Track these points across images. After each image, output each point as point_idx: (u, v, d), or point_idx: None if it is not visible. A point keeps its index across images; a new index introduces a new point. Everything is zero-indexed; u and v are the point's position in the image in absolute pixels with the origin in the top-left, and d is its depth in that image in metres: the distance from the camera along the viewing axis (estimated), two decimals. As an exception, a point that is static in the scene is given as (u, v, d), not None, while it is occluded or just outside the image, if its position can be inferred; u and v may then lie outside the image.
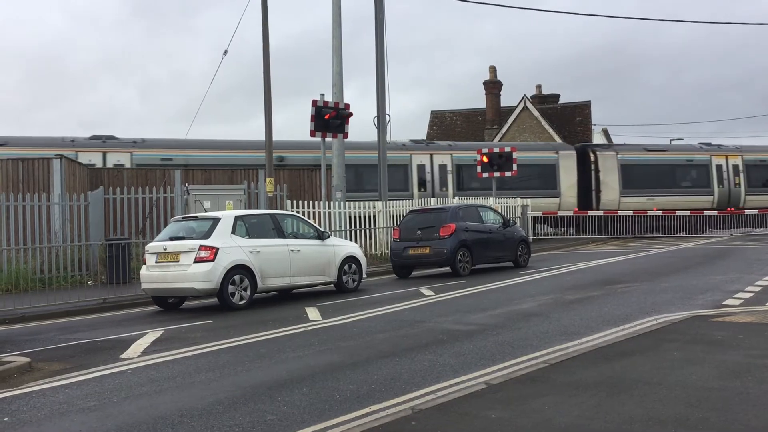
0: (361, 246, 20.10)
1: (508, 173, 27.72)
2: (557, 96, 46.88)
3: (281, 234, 14.60)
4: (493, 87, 43.18)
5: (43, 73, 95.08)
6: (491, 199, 26.73)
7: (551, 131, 40.62)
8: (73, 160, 20.23)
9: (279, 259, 14.17)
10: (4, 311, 13.24)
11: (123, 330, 11.55)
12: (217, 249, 13.20)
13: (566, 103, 45.39)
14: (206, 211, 18.62)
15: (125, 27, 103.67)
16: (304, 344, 9.51)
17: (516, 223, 21.71)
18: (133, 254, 17.46)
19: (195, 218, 14.83)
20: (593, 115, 43.93)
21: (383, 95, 24.19)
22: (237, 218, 14.06)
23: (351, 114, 21.63)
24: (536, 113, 41.48)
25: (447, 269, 18.39)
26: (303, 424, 5.96)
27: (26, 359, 8.96)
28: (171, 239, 13.85)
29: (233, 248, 13.46)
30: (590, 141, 41.77)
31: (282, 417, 6.20)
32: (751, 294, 12.29)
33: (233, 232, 13.70)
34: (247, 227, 14.11)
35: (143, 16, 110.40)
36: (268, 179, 20.48)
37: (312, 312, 12.44)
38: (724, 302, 11.48)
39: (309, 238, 15.16)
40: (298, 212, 20.31)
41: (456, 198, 26.76)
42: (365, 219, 23.34)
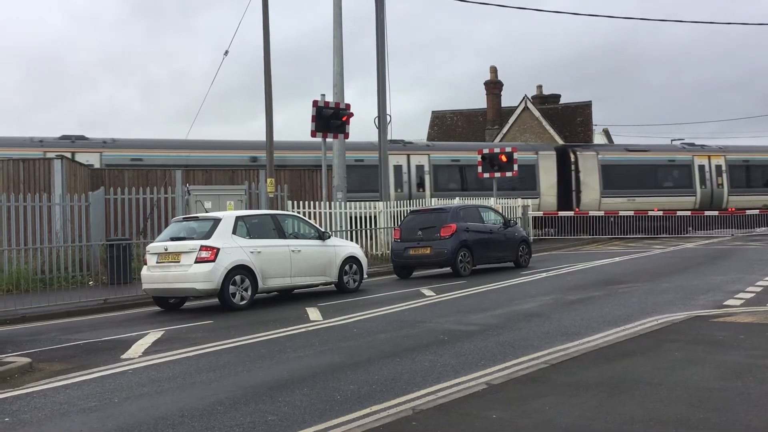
0: (362, 246, 20.11)
1: (509, 173, 27.75)
2: (558, 96, 46.88)
3: (282, 234, 14.61)
4: (494, 87, 43.20)
5: (44, 73, 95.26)
6: (491, 200, 26.74)
7: (552, 131, 40.62)
8: (74, 161, 20.24)
9: (280, 260, 14.17)
10: (5, 312, 13.25)
11: (124, 330, 11.56)
12: (218, 249, 13.21)
13: (567, 104, 45.39)
14: (207, 212, 18.64)
15: (125, 27, 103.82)
16: (305, 344, 9.52)
17: (517, 224, 21.70)
18: (134, 255, 17.47)
19: (196, 218, 14.84)
20: (594, 116, 44.00)
21: (384, 95, 24.20)
22: (238, 218, 14.07)
23: (352, 114, 21.66)
24: (537, 113, 41.50)
25: (448, 269, 18.39)
26: (304, 425, 5.96)
27: (27, 359, 8.97)
28: (172, 239, 13.86)
29: (234, 248, 13.47)
30: (591, 141, 41.74)
31: (283, 417, 6.21)
32: (752, 294, 12.27)
33: (234, 233, 13.71)
34: (248, 227, 14.12)
35: (143, 16, 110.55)
36: (269, 180, 20.49)
37: (313, 312, 12.44)
38: (725, 302, 11.47)
39: (310, 239, 15.17)
40: (299, 212, 20.32)
41: (434, 199, 26.16)
42: (366, 219, 23.34)
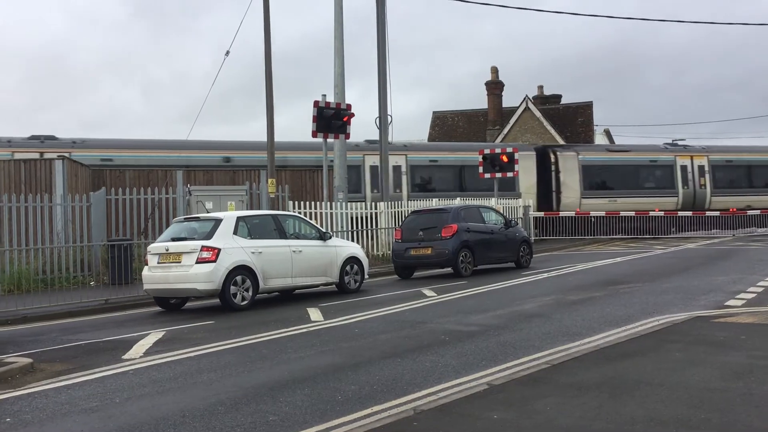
0: (363, 247, 20.10)
1: (510, 174, 27.74)
2: (559, 96, 46.89)
3: (283, 235, 14.61)
4: (495, 87, 43.22)
5: (45, 74, 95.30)
6: (493, 200, 26.74)
7: (553, 132, 40.63)
8: (76, 161, 20.25)
9: (281, 260, 14.18)
10: (7, 312, 13.26)
11: (125, 331, 11.57)
12: (219, 250, 13.21)
13: (568, 104, 45.40)
14: (208, 212, 18.64)
15: (127, 28, 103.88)
16: (306, 345, 9.52)
17: (518, 224, 21.69)
18: (135, 255, 17.49)
19: (197, 219, 14.84)
20: (595, 116, 43.98)
21: (385, 96, 24.19)
22: (239, 219, 14.08)
23: (353, 114, 21.67)
24: (538, 114, 41.51)
25: (449, 270, 18.39)
26: (305, 425, 5.96)
27: (29, 360, 8.97)
28: (173, 240, 13.86)
29: (235, 249, 13.47)
30: (592, 141, 41.76)
31: (284, 417, 6.21)
32: (754, 295, 12.25)
33: (235, 233, 13.71)
34: (249, 228, 14.12)
35: (145, 17, 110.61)
36: (270, 180, 20.50)
37: (314, 313, 12.44)
38: (726, 303, 11.46)
39: (311, 239, 15.17)
40: (300, 213, 20.32)
41: (410, 201, 25.65)
42: (367, 220, 23.34)
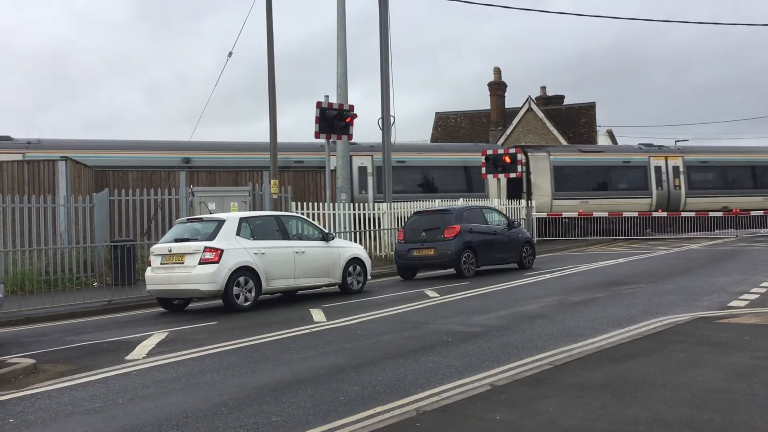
0: (366, 247, 20.11)
1: (513, 174, 27.74)
2: (562, 97, 46.87)
3: (286, 235, 14.62)
4: (498, 88, 43.22)
5: (49, 75, 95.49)
6: (495, 201, 26.74)
7: (556, 132, 40.62)
8: (79, 162, 20.28)
9: (283, 261, 14.18)
10: (10, 313, 13.26)
11: (128, 331, 11.58)
12: (222, 250, 13.22)
13: (571, 104, 45.39)
14: (211, 213, 18.65)
15: (130, 29, 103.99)
16: (309, 346, 9.52)
17: (521, 225, 21.68)
18: (138, 256, 17.52)
19: (200, 220, 14.84)
20: (598, 117, 43.99)
21: (388, 97, 24.21)
22: (242, 220, 14.08)
23: (355, 115, 21.68)
24: (541, 114, 41.51)
25: (451, 271, 18.37)
26: (307, 426, 5.96)
27: (32, 361, 8.99)
28: (176, 241, 13.87)
29: (238, 250, 13.48)
30: (595, 142, 41.74)
31: (286, 418, 6.21)
32: (757, 295, 12.23)
33: (238, 234, 13.72)
34: (252, 229, 14.13)
35: (149, 20, 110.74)
36: (273, 181, 20.51)
37: (316, 313, 12.45)
38: (730, 304, 11.44)
39: (313, 240, 15.17)
40: (303, 214, 20.32)
41: (375, 203, 24.97)
42: (370, 220, 23.34)
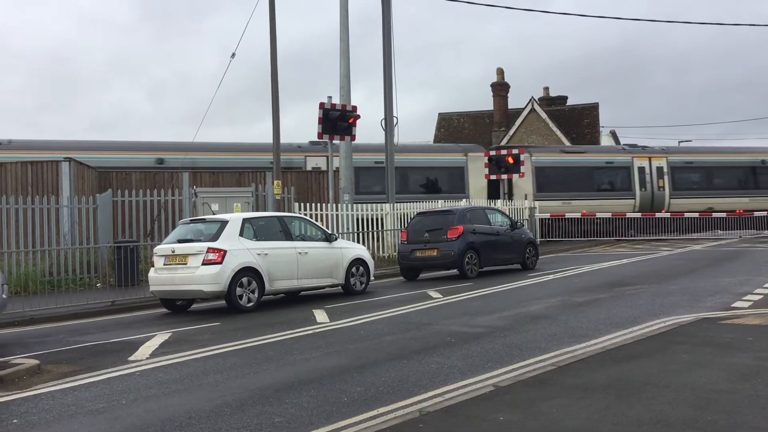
0: (369, 248, 20.10)
1: (516, 175, 27.74)
2: (565, 98, 46.85)
3: (289, 236, 14.63)
4: (501, 89, 43.22)
5: (54, 76, 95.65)
6: (498, 202, 26.73)
7: (559, 133, 40.61)
8: (82, 163, 20.30)
9: (286, 262, 14.19)
10: (14, 313, 13.28)
11: (131, 332, 11.60)
12: (225, 251, 13.23)
13: (574, 105, 45.36)
14: (214, 214, 18.67)
15: (135, 31, 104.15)
16: (312, 346, 9.52)
17: (524, 226, 21.67)
18: (142, 257, 17.53)
19: (203, 221, 14.86)
20: (601, 117, 43.94)
21: (391, 97, 24.19)
22: (245, 221, 14.09)
23: (358, 116, 21.69)
24: (544, 115, 41.50)
25: (454, 271, 18.37)
26: (311, 426, 5.97)
27: (35, 361, 9.00)
28: (179, 242, 13.88)
29: (241, 251, 13.49)
30: (598, 143, 41.70)
31: (290, 419, 6.21)
32: (761, 296, 12.22)
33: (241, 235, 13.73)
34: (255, 230, 14.14)
35: (153, 20, 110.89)
36: (276, 182, 20.51)
37: (319, 314, 12.45)
38: (733, 304, 11.43)
39: (316, 241, 15.18)
40: (306, 214, 20.33)
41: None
42: (373, 221, 23.33)
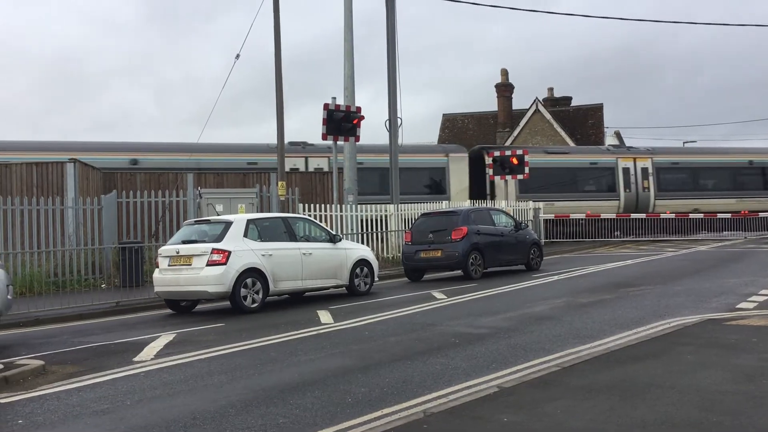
0: (373, 249, 20.12)
1: (520, 176, 27.69)
2: (569, 99, 46.79)
3: (293, 237, 14.64)
4: (505, 90, 43.20)
5: (59, 77, 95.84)
6: (503, 203, 26.71)
7: (563, 134, 40.58)
8: (87, 164, 20.35)
9: (291, 263, 14.19)
10: (19, 314, 13.31)
11: (136, 333, 11.61)
12: (230, 252, 13.24)
13: (578, 106, 45.31)
14: (218, 215, 18.68)
15: (141, 32, 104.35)
16: (316, 347, 9.53)
17: (528, 226, 21.66)
18: (146, 257, 17.56)
19: (207, 221, 14.87)
20: (605, 118, 43.90)
21: (395, 98, 24.21)
22: (249, 221, 14.11)
23: (363, 117, 21.70)
24: (548, 116, 41.47)
25: (459, 272, 18.36)
26: (315, 427, 5.97)
27: (40, 362, 9.02)
28: (183, 242, 13.90)
29: (245, 251, 13.50)
30: (603, 143, 41.65)
31: (294, 420, 6.22)
32: (766, 297, 12.18)
33: (245, 236, 13.75)
34: (259, 230, 14.15)
35: (158, 22, 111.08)
36: (280, 183, 20.53)
37: (324, 315, 12.45)
38: (738, 305, 11.40)
39: (321, 242, 15.19)
40: (310, 215, 20.35)
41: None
42: (377, 222, 23.33)
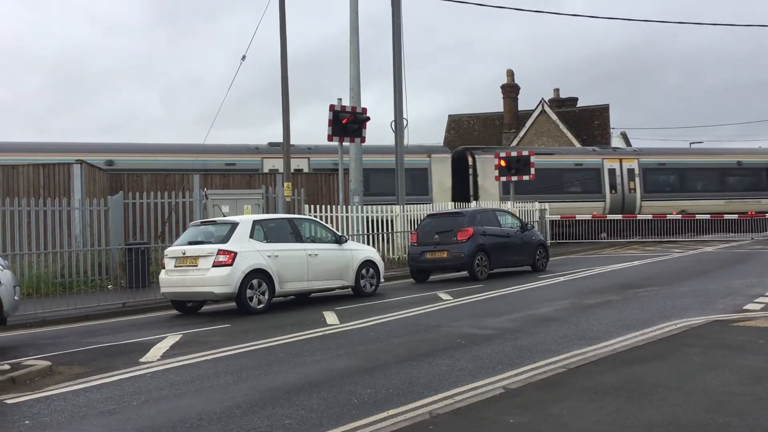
0: (379, 250, 20.11)
1: (526, 177, 27.61)
2: (575, 99, 46.74)
3: (299, 238, 14.65)
4: (511, 90, 43.16)
5: (65, 79, 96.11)
6: (509, 203, 26.68)
7: (569, 135, 40.50)
8: (94, 165, 20.41)
9: (297, 264, 14.21)
10: (26, 315, 13.35)
11: (142, 334, 11.64)
12: (236, 253, 13.26)
13: (584, 107, 45.25)
14: (224, 216, 18.71)
15: (147, 33, 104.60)
16: (322, 348, 9.53)
17: (534, 227, 21.63)
18: (153, 258, 17.59)
19: (213, 223, 14.90)
20: (611, 119, 43.82)
21: (400, 99, 24.21)
22: (255, 223, 14.13)
23: (368, 118, 21.70)
24: (554, 117, 41.40)
25: (465, 273, 18.35)
26: (321, 428, 5.97)
27: (47, 363, 9.04)
28: (190, 243, 13.93)
29: (251, 252, 13.52)
30: (609, 144, 41.57)
31: (300, 421, 6.22)
32: (773, 298, 12.16)
33: (251, 237, 13.76)
34: (265, 231, 14.17)
35: (164, 23, 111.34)
36: (286, 184, 20.56)
37: (330, 316, 12.46)
38: (745, 307, 11.37)
39: (327, 243, 15.20)
40: (316, 216, 20.36)
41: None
42: (383, 223, 23.33)
